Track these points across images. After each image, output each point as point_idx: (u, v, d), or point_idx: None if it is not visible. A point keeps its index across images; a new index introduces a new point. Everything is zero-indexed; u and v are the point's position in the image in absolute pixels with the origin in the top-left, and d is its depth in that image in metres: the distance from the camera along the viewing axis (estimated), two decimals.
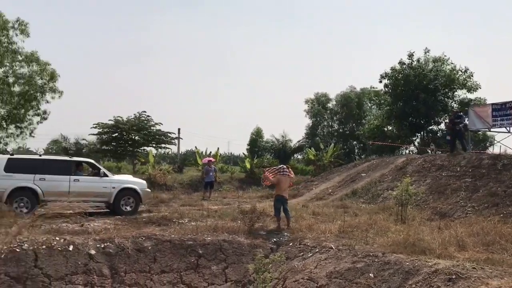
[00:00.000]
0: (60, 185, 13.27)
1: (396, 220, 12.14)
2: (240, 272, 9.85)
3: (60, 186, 13.26)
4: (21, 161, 13.49)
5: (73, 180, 13.52)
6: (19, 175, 12.89)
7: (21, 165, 13.24)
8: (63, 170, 13.62)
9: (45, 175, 13.16)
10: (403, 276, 7.59)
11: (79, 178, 13.79)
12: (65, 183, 13.35)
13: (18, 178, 12.85)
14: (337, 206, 15.52)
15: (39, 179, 13.05)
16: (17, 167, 13.04)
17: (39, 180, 13.04)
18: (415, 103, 27.12)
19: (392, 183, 16.50)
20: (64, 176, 13.45)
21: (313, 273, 8.76)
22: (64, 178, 13.43)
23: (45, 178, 13.12)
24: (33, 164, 13.47)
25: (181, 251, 9.91)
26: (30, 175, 13.01)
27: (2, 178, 12.66)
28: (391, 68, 28.91)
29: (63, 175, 13.47)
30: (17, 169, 13.00)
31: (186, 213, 13.83)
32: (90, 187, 13.76)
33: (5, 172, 12.74)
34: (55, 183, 13.20)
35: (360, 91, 43.62)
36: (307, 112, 45.13)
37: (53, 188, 13.12)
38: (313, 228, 11.37)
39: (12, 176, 12.79)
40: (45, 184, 13.07)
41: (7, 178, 12.72)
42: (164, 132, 32.10)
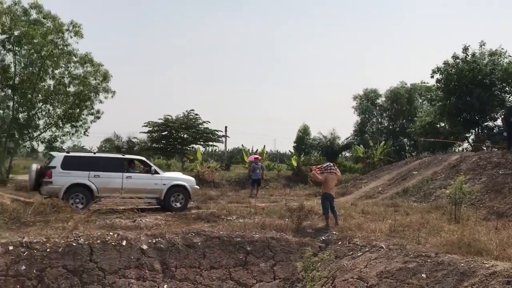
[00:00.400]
0: (114, 182, 13.71)
1: (449, 219, 11.72)
2: (288, 270, 9.83)
3: (113, 182, 13.71)
4: (76, 159, 13.96)
5: (126, 177, 13.92)
6: (75, 172, 13.33)
7: (76, 162, 13.69)
8: (116, 168, 14.06)
9: (99, 172, 13.60)
10: (458, 277, 7.32)
11: (131, 175, 14.19)
12: (118, 180, 13.78)
13: (74, 175, 13.27)
14: (388, 204, 15.20)
15: (93, 176, 13.47)
16: (73, 164, 13.48)
17: (93, 177, 13.45)
18: (469, 98, 26.03)
19: (445, 182, 15.97)
20: (117, 173, 13.89)
21: (363, 273, 8.62)
22: (117, 175, 13.86)
23: (99, 175, 13.55)
24: (88, 162, 13.93)
25: (230, 247, 10.01)
26: (85, 172, 13.46)
27: (59, 175, 13.10)
28: (444, 63, 27.87)
29: (116, 172, 13.91)
30: (73, 166, 13.42)
31: (234, 210, 13.93)
32: (142, 184, 14.16)
33: (62, 169, 13.18)
34: (108, 180, 13.66)
35: (411, 87, 42.36)
36: (355, 108, 44.33)
37: (106, 184, 13.59)
38: (363, 227, 11.17)
39: (69, 173, 13.21)
40: (99, 180, 13.51)
41: (64, 175, 13.15)
42: (212, 130, 32.57)
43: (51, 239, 9.02)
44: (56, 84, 21.62)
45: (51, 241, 8.94)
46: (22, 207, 11.93)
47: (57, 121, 22.10)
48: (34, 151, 25.36)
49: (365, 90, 44.28)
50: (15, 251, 8.51)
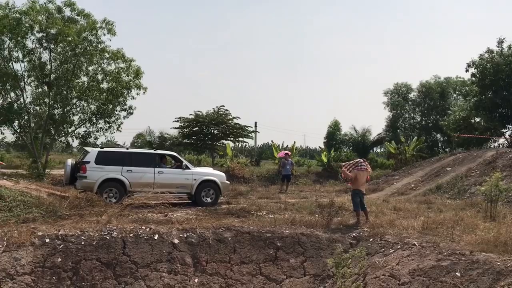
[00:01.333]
0: (146, 177, 13.96)
1: (484, 217, 11.42)
2: (319, 266, 9.78)
3: (145, 177, 13.96)
4: (110, 154, 14.25)
5: (158, 172, 14.13)
6: (109, 167, 13.63)
7: (110, 157, 13.98)
8: (148, 163, 14.30)
9: (132, 167, 13.87)
10: (494, 276, 7.13)
11: (163, 170, 14.40)
12: (150, 175, 14.02)
13: (107, 170, 13.58)
14: (420, 201, 14.95)
15: (126, 171, 13.75)
16: (106, 159, 13.78)
17: (126, 172, 13.75)
18: (506, 93, 25.26)
19: (480, 178, 15.58)
20: (149, 168, 14.11)
21: (395, 270, 8.49)
22: (149, 170, 14.08)
23: (132, 170, 13.82)
24: (121, 157, 14.20)
25: (260, 243, 10.03)
26: (118, 167, 13.74)
27: (93, 169, 13.44)
28: (479, 57, 27.11)
29: (148, 167, 14.14)
30: (106, 161, 13.72)
31: (264, 205, 13.95)
32: (173, 179, 14.37)
33: (95, 164, 13.51)
34: (141, 175, 13.92)
35: (444, 81, 41.39)
36: (386, 104, 43.67)
37: (139, 179, 13.87)
38: (395, 224, 11.00)
39: (102, 168, 13.53)
40: (132, 175, 13.80)
41: (98, 169, 13.48)
42: (242, 126, 32.64)
43: (85, 232, 9.26)
44: (90, 80, 22.09)
45: (86, 234, 9.18)
46: (58, 201, 12.26)
47: (91, 117, 22.58)
48: (69, 147, 25.96)
49: (396, 85, 43.51)
50: (51, 243, 8.77)
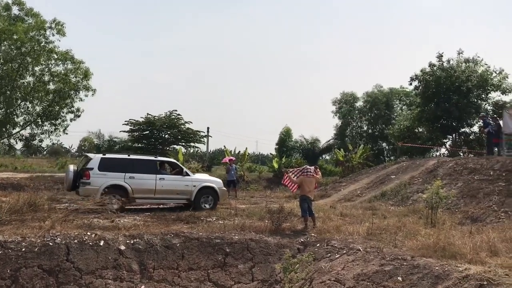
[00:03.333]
0: (148, 183, 14.11)
1: (426, 223, 11.93)
2: (267, 271, 9.88)
3: (147, 184, 14.11)
4: (112, 160, 14.31)
5: (159, 179, 14.30)
6: (112, 174, 13.70)
7: (112, 164, 14.05)
8: (150, 169, 14.47)
9: (134, 174, 13.98)
10: (433, 280, 7.47)
11: (164, 177, 14.55)
12: (151, 182, 14.17)
13: (110, 176, 13.65)
14: (366, 207, 15.38)
15: (129, 177, 13.86)
16: (109, 166, 13.84)
17: (129, 179, 13.85)
18: (447, 105, 26.56)
19: (422, 186, 16.23)
20: (151, 175, 14.26)
21: (340, 275, 8.72)
22: (151, 176, 14.23)
23: (134, 177, 13.93)
24: (123, 163, 14.26)
25: (209, 249, 10.02)
26: (121, 173, 13.83)
27: (96, 176, 13.48)
28: (421, 70, 28.41)
29: (150, 174, 14.30)
30: (109, 168, 13.79)
31: (214, 211, 13.93)
32: (174, 186, 14.53)
33: (99, 171, 13.54)
34: (143, 181, 14.05)
35: (389, 91, 42.96)
36: (334, 113, 44.76)
37: (141, 186, 14.01)
38: (341, 230, 11.30)
39: (105, 175, 13.59)
40: (134, 182, 13.91)
41: (101, 176, 13.53)
42: (194, 131, 32.47)
43: (26, 238, 8.92)
44: (36, 81, 21.32)
45: (27, 241, 8.84)
46: None
47: (36, 118, 21.78)
48: (12, 149, 24.91)
49: (343, 94, 44.68)
50: None
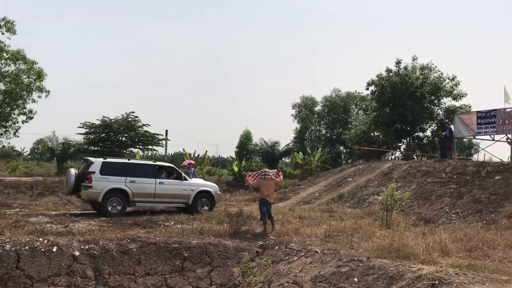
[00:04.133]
0: (147, 187, 14.46)
1: (381, 225, 12.22)
2: (225, 275, 9.84)
3: (147, 188, 14.46)
4: (113, 165, 14.56)
5: (158, 183, 14.65)
6: (113, 178, 13.94)
7: (114, 168, 14.30)
8: (150, 174, 14.78)
9: (135, 178, 14.27)
10: (387, 281, 7.64)
11: (163, 181, 14.87)
12: (151, 186, 14.52)
13: (112, 180, 13.89)
14: (323, 210, 15.58)
15: (129, 181, 14.13)
16: (110, 170, 14.09)
17: (129, 183, 14.12)
18: (402, 109, 27.38)
19: (378, 188, 16.61)
20: (151, 179, 14.60)
21: (298, 277, 8.79)
22: (151, 181, 14.57)
23: (134, 181, 14.22)
24: (124, 168, 14.55)
25: (166, 253, 9.87)
26: (122, 177, 14.07)
27: (98, 180, 13.67)
28: (378, 76, 29.17)
29: (150, 178, 14.62)
30: (110, 171, 14.01)
31: (172, 216, 13.77)
32: (173, 190, 14.93)
33: (100, 175, 13.75)
34: (143, 185, 14.38)
35: (346, 95, 43.88)
36: (294, 116, 45.31)
37: (141, 190, 14.33)
38: (299, 232, 11.41)
39: (107, 178, 13.82)
40: (135, 186, 14.20)
41: (102, 180, 13.74)
42: (152, 134, 31.95)
43: None
44: None
45: None
46: None
47: None
48: None
49: (303, 98, 45.29)
50: None
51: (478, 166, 15.59)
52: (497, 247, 9.37)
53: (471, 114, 20.36)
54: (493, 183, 14.00)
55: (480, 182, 14.38)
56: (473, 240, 9.89)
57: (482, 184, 14.18)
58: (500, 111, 18.41)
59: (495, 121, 18.39)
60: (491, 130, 18.82)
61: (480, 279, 6.91)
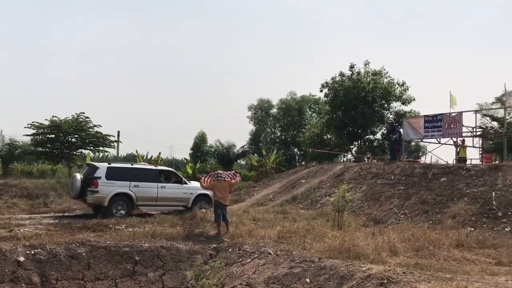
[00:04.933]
0: (150, 191, 15.00)
1: (333, 226, 12.46)
2: (178, 279, 9.72)
3: (150, 192, 14.99)
4: (118, 170, 14.96)
5: (160, 187, 15.21)
6: (118, 182, 14.42)
7: (118, 173, 14.72)
8: (152, 178, 15.32)
9: (138, 182, 14.78)
10: (338, 281, 7.78)
11: (165, 185, 15.44)
12: (154, 190, 15.05)
13: (117, 184, 14.37)
14: (277, 211, 15.70)
15: (133, 186, 14.64)
16: (115, 174, 14.55)
17: (133, 187, 14.64)
18: (353, 113, 28.04)
19: (330, 190, 16.93)
20: (153, 183, 15.14)
21: (251, 279, 8.80)
22: (153, 185, 15.10)
23: (138, 185, 14.73)
24: (128, 172, 15.02)
25: (117, 257, 9.65)
26: (126, 182, 14.57)
27: (104, 184, 14.15)
28: (332, 79, 29.76)
29: (153, 182, 15.15)
30: (115, 176, 14.48)
31: (124, 219, 13.48)
32: (173, 193, 15.54)
33: (106, 180, 14.22)
34: (146, 190, 14.92)
35: (301, 98, 44.53)
36: (250, 118, 45.50)
37: (144, 194, 14.87)
38: (253, 234, 11.44)
39: (112, 183, 14.29)
40: (139, 190, 14.73)
41: (108, 184, 14.22)
42: (103, 135, 31.11)
43: None
44: None
45: None
46: None
47: None
48: None
49: (259, 100, 45.61)
50: None
51: (425, 168, 16.18)
52: (442, 246, 9.78)
53: (419, 118, 21.16)
54: (439, 184, 14.58)
55: (427, 183, 14.95)
56: (420, 239, 10.27)
57: (429, 186, 14.75)
58: (446, 115, 19.24)
59: (441, 125, 19.22)
60: (437, 133, 19.63)
61: (426, 278, 7.16)
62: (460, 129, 19.02)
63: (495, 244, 10.07)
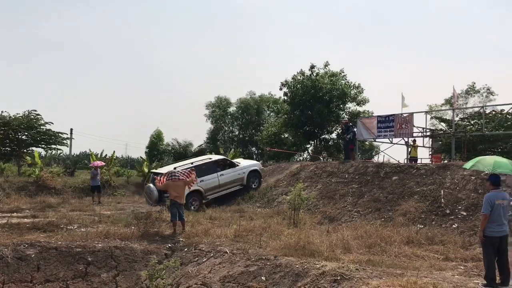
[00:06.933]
0: (214, 182, 17.32)
1: (289, 224, 12.61)
2: (132, 279, 9.56)
3: (213, 182, 17.31)
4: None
5: (220, 175, 17.54)
6: None
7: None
8: (211, 170, 17.45)
9: (202, 177, 16.66)
10: (293, 278, 7.88)
11: (223, 172, 17.75)
12: (215, 179, 17.42)
13: None
14: (234, 210, 15.73)
15: (200, 181, 16.24)
16: None
17: (200, 182, 16.40)
18: (311, 113, 28.42)
19: (287, 188, 17.11)
20: (214, 174, 17.40)
21: (207, 278, 8.78)
22: (214, 175, 17.39)
23: (203, 180, 16.71)
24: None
25: (69, 258, 9.39)
26: None
27: None
28: (292, 78, 30.03)
29: (213, 173, 17.38)
30: None
31: (76, 218, 13.15)
32: (231, 177, 18.02)
33: None
34: (210, 181, 17.19)
35: (259, 98, 44.70)
36: (208, 117, 45.27)
37: (210, 185, 17.17)
38: (209, 233, 11.42)
39: None
40: (205, 184, 16.92)
41: None
42: (55, 132, 30.10)
43: None
44: None
45: None
46: None
47: None
48: None
49: (217, 98, 45.42)
50: None
51: (377, 167, 16.59)
52: (394, 243, 10.10)
53: (372, 119, 21.67)
54: (391, 183, 15.01)
55: (379, 182, 15.35)
56: (372, 236, 10.56)
57: (381, 184, 15.15)
58: (397, 116, 19.82)
59: (393, 125, 19.78)
60: (389, 133, 20.19)
61: (378, 274, 7.38)
62: (411, 130, 19.63)
63: (443, 240, 10.49)
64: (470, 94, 34.79)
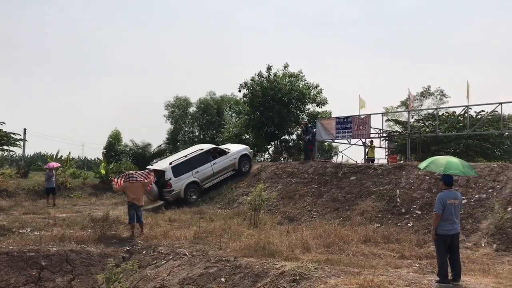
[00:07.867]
0: (208, 171, 18.37)
1: (249, 224, 12.63)
2: (88, 283, 9.31)
3: (208, 172, 18.35)
4: (179, 166, 17.69)
5: (213, 164, 18.59)
6: (184, 175, 17.63)
7: (180, 168, 17.63)
8: (205, 160, 18.47)
9: (197, 168, 18.00)
10: (253, 279, 7.91)
11: (215, 161, 18.73)
12: (209, 169, 18.45)
13: (184, 178, 17.61)
14: (194, 212, 15.61)
15: (195, 172, 17.92)
16: (179, 170, 17.55)
17: (196, 173, 17.93)
18: (271, 113, 28.60)
19: (247, 189, 17.12)
20: (207, 164, 18.43)
21: (166, 281, 8.67)
22: (208, 165, 18.43)
23: (198, 171, 18.01)
24: (186, 164, 17.88)
25: (21, 263, 9.06)
26: (189, 172, 17.82)
27: (175, 182, 17.32)
28: (251, 79, 30.10)
29: (206, 163, 18.41)
30: (180, 172, 17.55)
31: (29, 222, 12.72)
32: (224, 164, 18.97)
33: (175, 178, 17.33)
34: (205, 171, 18.25)
35: (220, 98, 44.54)
36: (167, 117, 44.70)
37: (205, 175, 18.22)
38: (168, 235, 11.28)
39: (180, 178, 17.49)
40: (200, 174, 18.09)
41: (178, 181, 17.41)
42: (6, 133, 28.96)
43: None
44: None
45: None
46: None
47: None
48: None
49: (176, 98, 44.94)
50: None
51: (336, 167, 16.89)
52: (351, 242, 10.31)
53: (331, 120, 22.02)
54: (349, 183, 15.30)
55: (338, 182, 15.62)
56: (331, 236, 10.74)
57: (339, 184, 15.42)
58: (355, 117, 20.22)
59: (351, 126, 20.15)
60: (347, 134, 20.55)
61: (336, 273, 7.50)
62: (368, 131, 20.06)
63: (399, 239, 10.79)
64: (425, 96, 36.04)
